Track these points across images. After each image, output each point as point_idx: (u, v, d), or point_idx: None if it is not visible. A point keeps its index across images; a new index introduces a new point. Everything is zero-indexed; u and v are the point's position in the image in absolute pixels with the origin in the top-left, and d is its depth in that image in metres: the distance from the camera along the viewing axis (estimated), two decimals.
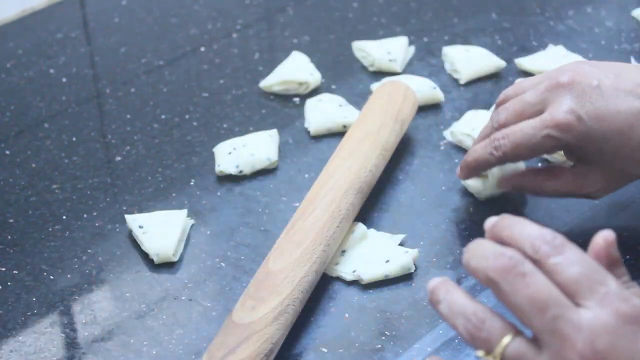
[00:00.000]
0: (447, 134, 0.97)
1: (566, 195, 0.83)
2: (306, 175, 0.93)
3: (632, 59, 1.07)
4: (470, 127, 0.94)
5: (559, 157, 0.91)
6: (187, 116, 1.02)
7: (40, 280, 0.82)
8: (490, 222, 0.60)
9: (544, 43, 1.09)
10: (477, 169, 0.84)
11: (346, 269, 0.81)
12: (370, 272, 0.80)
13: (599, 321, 0.54)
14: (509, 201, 0.88)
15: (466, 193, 0.90)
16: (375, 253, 0.82)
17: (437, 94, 1.00)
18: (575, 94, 0.77)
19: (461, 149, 0.95)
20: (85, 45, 1.14)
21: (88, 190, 0.92)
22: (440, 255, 0.83)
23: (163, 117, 1.02)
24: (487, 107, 0.99)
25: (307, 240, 0.78)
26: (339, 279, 0.81)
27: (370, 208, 0.88)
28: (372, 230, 0.85)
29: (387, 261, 0.81)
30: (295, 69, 1.04)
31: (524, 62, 1.05)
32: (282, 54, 1.09)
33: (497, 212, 0.87)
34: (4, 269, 0.83)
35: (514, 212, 0.87)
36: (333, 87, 1.04)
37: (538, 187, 0.83)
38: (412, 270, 0.81)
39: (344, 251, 0.82)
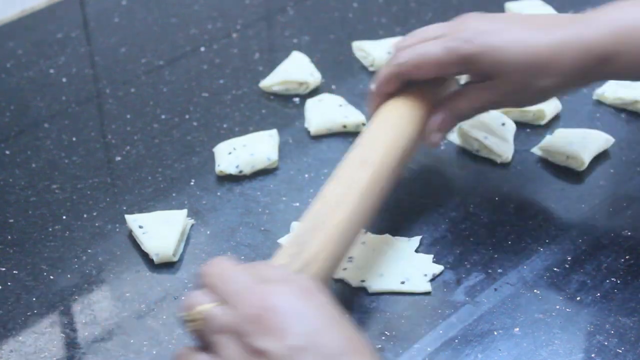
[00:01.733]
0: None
1: (484, 109, 0.85)
2: (306, 175, 0.93)
3: None
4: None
5: None
6: (187, 116, 1.02)
7: (40, 280, 0.82)
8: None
9: None
10: (386, 85, 0.84)
11: (354, 277, 0.81)
12: (380, 286, 0.80)
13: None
14: (509, 202, 0.89)
15: (466, 193, 0.90)
16: (389, 267, 0.81)
17: None
18: (475, 20, 0.82)
19: (461, 149, 0.95)
20: (85, 45, 1.14)
21: (88, 190, 0.92)
22: (440, 255, 0.83)
23: (163, 117, 1.02)
24: None
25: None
26: (341, 280, 0.81)
27: None
28: (387, 236, 0.84)
29: (403, 282, 0.80)
30: (295, 69, 1.05)
31: None
32: (282, 54, 1.09)
33: (497, 213, 0.87)
34: (4, 269, 0.83)
35: (514, 214, 0.87)
36: (333, 87, 1.04)
37: (457, 112, 0.84)
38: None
39: (351, 257, 0.82)
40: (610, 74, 0.81)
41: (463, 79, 0.89)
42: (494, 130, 0.94)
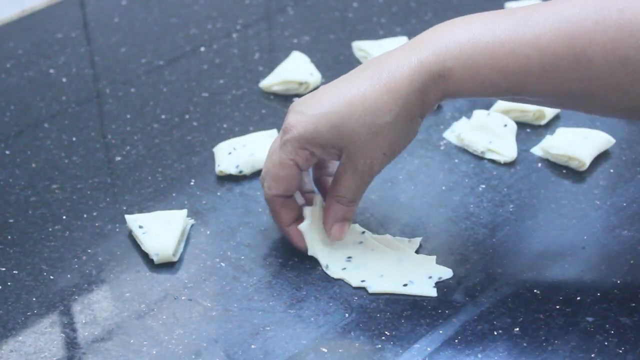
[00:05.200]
0: (447, 134, 0.97)
1: (364, 184, 0.81)
2: None
3: None
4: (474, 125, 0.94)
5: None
6: (187, 116, 1.02)
7: (40, 280, 0.82)
8: None
9: None
10: (280, 216, 0.83)
11: (354, 277, 0.81)
12: (381, 287, 0.80)
13: None
14: (509, 202, 0.89)
15: (466, 193, 0.90)
16: (390, 268, 0.81)
17: None
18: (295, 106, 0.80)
19: (461, 149, 0.95)
20: (85, 45, 1.14)
21: (88, 190, 0.92)
22: (441, 255, 0.83)
23: (163, 117, 1.02)
24: (487, 108, 0.99)
25: None
26: (341, 280, 0.81)
27: (370, 208, 0.88)
28: (387, 236, 0.84)
29: (405, 285, 0.80)
30: (295, 69, 1.05)
31: None
32: (282, 54, 1.09)
33: (497, 213, 0.87)
34: (4, 269, 0.83)
35: (514, 214, 0.88)
36: None
37: (341, 200, 0.81)
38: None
39: (350, 257, 0.82)
40: (447, 91, 0.78)
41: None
42: (497, 132, 0.94)
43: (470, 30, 0.76)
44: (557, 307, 0.78)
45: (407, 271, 0.81)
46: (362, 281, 0.80)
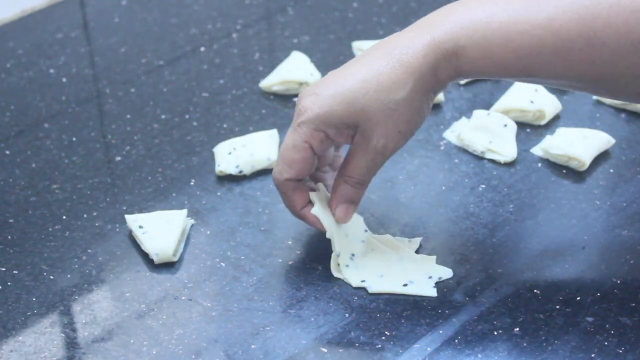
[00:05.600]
0: (447, 134, 0.97)
1: (375, 165, 0.80)
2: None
3: None
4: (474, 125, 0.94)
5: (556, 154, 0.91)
6: (187, 116, 1.02)
7: (40, 280, 0.82)
8: None
9: None
10: (292, 200, 0.82)
11: (354, 277, 0.81)
12: (381, 287, 0.80)
13: None
14: (509, 202, 0.89)
15: (466, 193, 0.90)
16: (390, 268, 0.81)
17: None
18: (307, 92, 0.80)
19: (461, 149, 0.95)
20: (85, 45, 1.14)
21: (88, 190, 0.92)
22: (441, 255, 0.83)
23: (163, 117, 1.02)
24: (487, 108, 0.99)
25: None
26: (340, 279, 0.81)
27: (370, 208, 0.88)
28: (387, 236, 0.84)
29: (405, 285, 0.80)
30: (295, 69, 1.05)
31: None
32: (282, 54, 1.09)
33: (497, 213, 0.87)
34: (4, 269, 0.83)
35: (514, 214, 0.88)
36: None
37: (349, 180, 0.80)
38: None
39: (353, 255, 0.82)
40: (460, 69, 0.77)
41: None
42: (497, 132, 0.94)
43: (484, 9, 0.76)
44: (557, 307, 0.78)
45: (407, 271, 0.81)
46: (362, 281, 0.80)
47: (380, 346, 0.75)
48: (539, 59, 0.75)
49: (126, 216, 0.87)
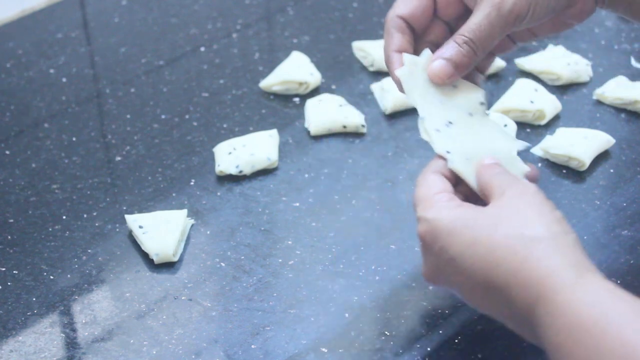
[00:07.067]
0: None
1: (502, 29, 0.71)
2: (306, 175, 0.93)
3: (632, 59, 1.07)
4: None
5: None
6: (187, 116, 1.02)
7: (40, 280, 0.82)
8: None
9: (543, 43, 1.09)
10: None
11: (441, 143, 0.71)
12: (461, 168, 0.70)
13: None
14: None
15: None
16: (482, 155, 0.71)
17: None
18: None
19: None
20: (85, 45, 1.14)
21: (88, 190, 0.92)
22: None
23: (163, 117, 1.02)
24: (488, 108, 0.99)
25: None
26: (340, 278, 0.81)
27: (369, 208, 0.88)
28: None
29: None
30: (295, 69, 1.04)
31: (524, 62, 1.05)
32: (282, 54, 1.09)
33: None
34: (4, 269, 0.83)
35: None
36: (333, 87, 1.04)
37: (472, 35, 0.71)
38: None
39: (450, 123, 0.73)
40: None
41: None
42: None
43: None
44: None
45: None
46: (447, 152, 0.71)
47: (380, 346, 0.75)
48: None
49: (126, 216, 0.87)
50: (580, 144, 0.92)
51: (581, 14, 0.76)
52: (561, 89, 1.02)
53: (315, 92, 1.03)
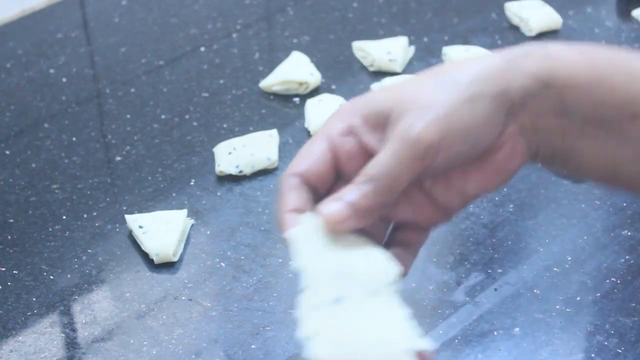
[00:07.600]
0: None
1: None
2: None
3: None
4: None
5: None
6: (187, 116, 1.02)
7: (40, 280, 0.82)
8: None
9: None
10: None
11: (307, 324, 0.54)
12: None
13: None
14: (509, 202, 0.89)
15: None
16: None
17: None
18: None
19: None
20: (85, 45, 1.14)
21: (88, 190, 0.92)
22: (440, 255, 0.83)
23: (163, 117, 1.02)
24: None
25: None
26: None
27: None
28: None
29: None
30: (295, 69, 1.04)
31: None
32: (282, 54, 1.09)
33: (497, 213, 0.87)
34: (4, 269, 0.83)
35: (514, 214, 0.87)
36: (333, 87, 1.04)
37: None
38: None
39: (339, 299, 0.56)
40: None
41: None
42: None
43: None
44: (557, 307, 0.78)
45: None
46: (315, 335, 0.53)
47: None
48: None
49: (126, 216, 0.87)
50: None
51: (510, 160, 0.62)
52: None
53: (315, 92, 1.03)
